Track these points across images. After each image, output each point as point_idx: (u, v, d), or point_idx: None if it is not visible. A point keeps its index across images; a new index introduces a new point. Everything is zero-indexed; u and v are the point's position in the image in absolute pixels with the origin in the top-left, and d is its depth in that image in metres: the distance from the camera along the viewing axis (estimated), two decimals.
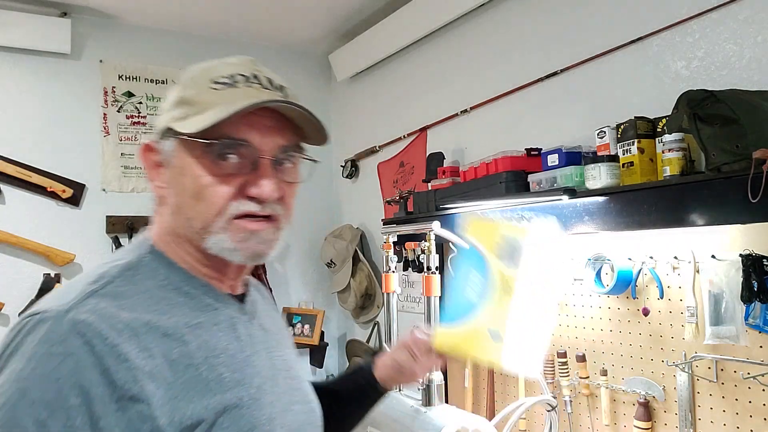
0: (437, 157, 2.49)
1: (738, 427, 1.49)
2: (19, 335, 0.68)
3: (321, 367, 3.26)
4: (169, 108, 0.80)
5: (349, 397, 1.13)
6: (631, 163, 1.55)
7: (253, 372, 0.80)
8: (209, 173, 0.76)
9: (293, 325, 3.22)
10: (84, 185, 2.95)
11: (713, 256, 1.51)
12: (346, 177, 3.37)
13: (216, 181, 0.76)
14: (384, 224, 2.61)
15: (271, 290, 3.24)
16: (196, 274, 0.81)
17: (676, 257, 1.61)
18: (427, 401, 1.43)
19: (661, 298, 1.64)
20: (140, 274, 0.77)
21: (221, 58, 0.84)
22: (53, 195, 2.85)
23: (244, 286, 0.91)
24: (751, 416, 1.46)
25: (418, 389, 1.46)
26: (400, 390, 1.55)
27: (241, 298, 0.88)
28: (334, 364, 3.50)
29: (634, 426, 1.69)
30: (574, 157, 1.74)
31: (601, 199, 1.63)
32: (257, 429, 0.77)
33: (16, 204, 2.80)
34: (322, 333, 3.24)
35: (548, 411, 1.46)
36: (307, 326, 3.21)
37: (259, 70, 0.82)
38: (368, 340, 3.14)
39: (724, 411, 1.52)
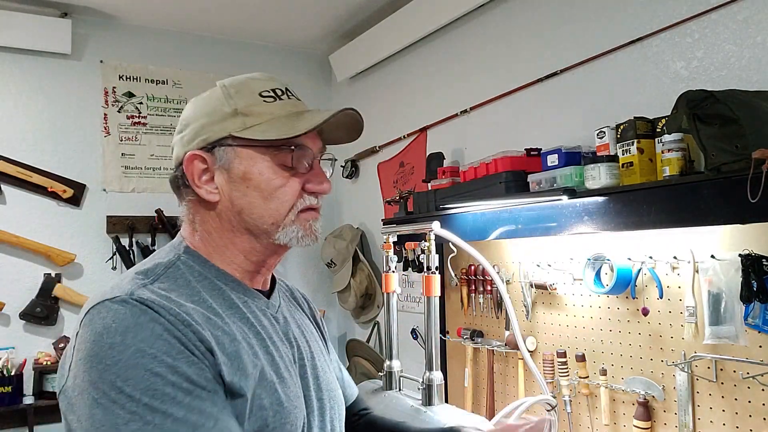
0: (437, 158, 2.49)
1: (737, 427, 1.49)
2: (93, 320, 0.76)
3: None
4: (218, 120, 0.87)
5: None
6: (631, 164, 1.56)
7: (277, 354, 0.89)
8: (280, 176, 0.88)
9: None
10: (84, 185, 2.96)
11: (713, 256, 1.51)
12: (346, 177, 3.37)
13: (285, 182, 0.88)
14: (384, 224, 2.61)
15: None
16: (229, 270, 0.91)
17: (675, 257, 1.61)
18: (427, 401, 1.43)
19: (661, 298, 1.64)
20: (180, 270, 0.87)
21: (244, 75, 0.93)
22: (54, 195, 2.86)
23: (270, 283, 1.01)
24: (750, 416, 1.46)
25: (419, 389, 1.46)
26: (400, 389, 1.55)
27: (268, 293, 0.98)
28: None
29: (634, 426, 1.69)
30: (573, 157, 1.75)
31: (600, 199, 1.63)
32: (284, 404, 0.84)
33: (17, 204, 2.81)
34: None
35: (548, 411, 1.45)
36: None
37: (283, 83, 0.93)
38: (368, 340, 3.15)
39: (723, 411, 1.52)
